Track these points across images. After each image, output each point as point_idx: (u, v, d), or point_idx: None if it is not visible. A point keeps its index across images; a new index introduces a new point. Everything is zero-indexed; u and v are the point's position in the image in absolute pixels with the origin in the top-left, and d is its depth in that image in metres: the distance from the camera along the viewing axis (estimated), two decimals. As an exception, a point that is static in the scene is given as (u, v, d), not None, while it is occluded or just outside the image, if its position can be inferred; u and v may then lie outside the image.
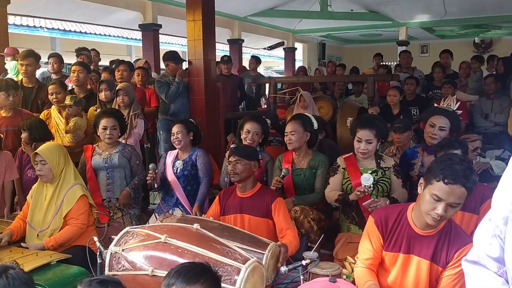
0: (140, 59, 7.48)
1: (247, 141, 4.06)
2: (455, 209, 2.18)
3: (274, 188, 3.63)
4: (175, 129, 4.19)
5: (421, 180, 2.29)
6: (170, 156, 4.30)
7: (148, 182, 3.97)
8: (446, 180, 2.11)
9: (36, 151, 3.40)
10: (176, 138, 4.17)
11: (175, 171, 4.18)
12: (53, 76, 5.84)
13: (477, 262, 1.54)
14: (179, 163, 4.20)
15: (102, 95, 4.91)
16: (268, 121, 4.52)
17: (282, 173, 3.73)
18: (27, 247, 3.17)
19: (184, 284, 1.71)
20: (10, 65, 5.85)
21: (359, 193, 3.24)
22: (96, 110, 4.88)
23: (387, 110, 5.95)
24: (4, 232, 3.29)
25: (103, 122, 4.07)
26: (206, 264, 1.84)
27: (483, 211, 2.92)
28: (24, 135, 4.26)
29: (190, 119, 4.68)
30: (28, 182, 4.13)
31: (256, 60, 9.06)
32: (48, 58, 6.01)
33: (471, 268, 1.56)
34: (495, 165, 4.25)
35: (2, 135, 4.20)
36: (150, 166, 3.96)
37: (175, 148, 4.30)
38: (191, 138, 4.25)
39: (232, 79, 7.38)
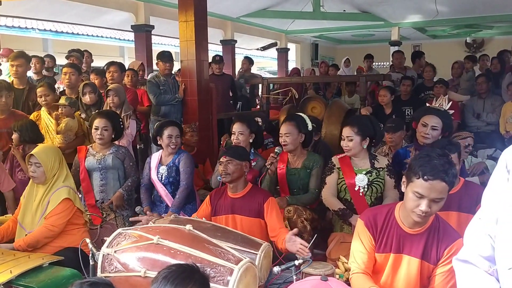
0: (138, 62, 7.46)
1: (235, 141, 4.06)
2: (439, 204, 2.18)
3: (269, 164, 3.68)
4: (174, 131, 4.06)
5: (404, 179, 2.30)
6: (154, 160, 4.15)
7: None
8: (425, 177, 2.12)
9: (31, 152, 3.34)
10: (176, 143, 4.07)
11: (159, 177, 4.07)
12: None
13: (467, 261, 1.54)
14: (163, 169, 4.07)
15: (86, 98, 4.85)
16: (259, 120, 4.50)
17: (276, 151, 3.78)
18: None
19: None
20: (6, 66, 5.82)
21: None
22: (80, 114, 4.86)
23: (380, 110, 5.98)
24: None
25: (95, 123, 4.06)
26: (192, 266, 1.83)
27: None
28: (15, 136, 4.22)
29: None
30: (19, 185, 4.10)
31: (249, 61, 9.07)
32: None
33: (461, 267, 1.57)
34: (490, 166, 4.28)
35: None
36: (137, 209, 3.58)
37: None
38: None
39: (224, 78, 7.37)
